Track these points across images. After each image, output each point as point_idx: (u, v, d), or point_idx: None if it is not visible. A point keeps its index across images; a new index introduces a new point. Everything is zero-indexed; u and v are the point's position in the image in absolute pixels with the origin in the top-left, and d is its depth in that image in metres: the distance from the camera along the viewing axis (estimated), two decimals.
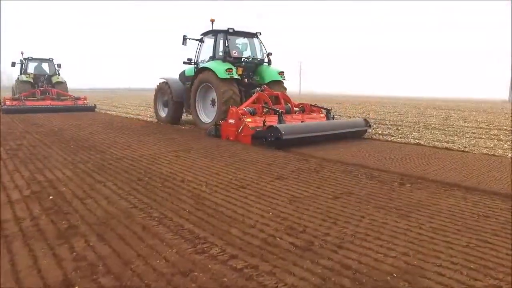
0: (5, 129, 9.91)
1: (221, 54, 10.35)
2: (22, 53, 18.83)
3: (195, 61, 11.19)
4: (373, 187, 4.63)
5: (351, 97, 57.14)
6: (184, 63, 11.21)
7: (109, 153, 6.61)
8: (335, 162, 6.10)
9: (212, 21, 10.58)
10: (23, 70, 18.51)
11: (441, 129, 11.56)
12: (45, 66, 19.08)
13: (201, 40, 11.13)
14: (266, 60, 10.99)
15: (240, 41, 11.14)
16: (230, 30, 10.33)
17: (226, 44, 10.25)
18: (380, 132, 10.51)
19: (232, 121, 8.38)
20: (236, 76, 9.74)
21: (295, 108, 9.83)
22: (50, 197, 3.90)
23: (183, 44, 10.75)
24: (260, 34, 11.04)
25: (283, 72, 10.83)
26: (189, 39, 10.89)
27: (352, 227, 3.25)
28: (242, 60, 10.59)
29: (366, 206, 3.86)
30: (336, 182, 4.83)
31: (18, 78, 18.67)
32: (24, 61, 18.65)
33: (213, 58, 10.55)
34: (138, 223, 3.22)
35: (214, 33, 10.68)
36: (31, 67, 18.64)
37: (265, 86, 9.95)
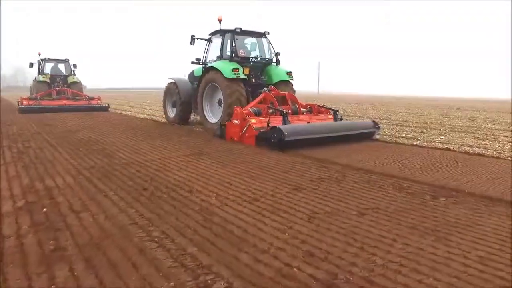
0: (17, 130, 9.76)
1: (228, 53, 10.14)
2: (39, 54, 18.98)
3: (203, 61, 11.03)
4: (403, 201, 4.12)
5: (369, 97, 55.81)
6: (192, 63, 11.07)
7: (117, 157, 6.28)
8: (357, 170, 5.59)
9: (220, 20, 10.38)
10: (40, 71, 18.64)
11: (469, 132, 10.85)
12: (61, 67, 19.23)
13: (209, 40, 10.97)
14: (274, 60, 10.75)
15: (248, 40, 10.92)
16: (238, 30, 10.10)
17: (233, 44, 10.03)
18: (404, 135, 9.90)
19: (236, 122, 8.18)
20: (242, 76, 9.52)
21: (302, 109, 9.59)
22: (44, 210, 3.55)
23: (191, 44, 10.60)
24: (268, 33, 10.81)
25: (291, 72, 10.59)
26: (197, 38, 10.72)
27: (383, 254, 2.76)
28: (250, 59, 10.38)
29: (396, 225, 3.37)
30: (360, 194, 4.33)
31: (35, 78, 18.83)
32: (41, 62, 18.80)
33: (220, 57, 10.37)
34: (134, 245, 2.82)
35: (221, 32, 10.48)
36: (47, 68, 18.78)
37: (272, 86, 9.76)
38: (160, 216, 3.47)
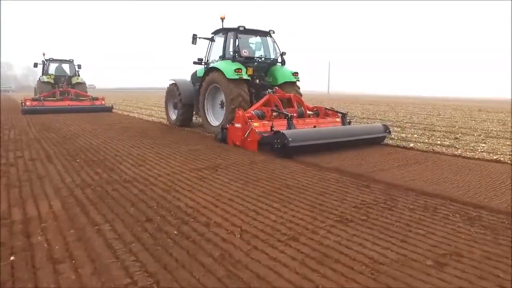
0: (14, 136, 8.95)
1: (231, 53, 9.49)
2: (44, 54, 18.48)
3: (206, 61, 10.39)
4: (484, 241, 3.14)
5: (381, 97, 54.41)
6: (194, 63, 10.46)
7: (119, 171, 5.39)
8: (406, 191, 4.61)
9: (222, 18, 9.74)
10: (44, 71, 18.10)
11: (508, 138, 9.77)
12: (66, 67, 18.72)
13: (211, 39, 10.34)
14: (279, 60, 10.11)
15: (252, 40, 10.26)
16: (241, 28, 9.44)
17: (237, 43, 9.39)
18: (439, 142, 8.86)
19: (238, 125, 7.59)
20: (245, 77, 8.88)
21: (308, 112, 8.96)
22: (12, 258, 2.64)
23: (192, 43, 10.03)
24: (274, 32, 10.16)
25: (297, 72, 9.96)
26: (199, 38, 10.12)
27: None
28: (254, 59, 9.75)
29: (494, 285, 2.40)
30: (425, 229, 3.35)
31: (39, 78, 18.30)
32: (45, 62, 18.27)
33: (223, 57, 9.74)
34: None
35: (224, 31, 9.82)
36: (52, 68, 18.23)
37: (277, 88, 9.20)
38: (168, 268, 2.54)
